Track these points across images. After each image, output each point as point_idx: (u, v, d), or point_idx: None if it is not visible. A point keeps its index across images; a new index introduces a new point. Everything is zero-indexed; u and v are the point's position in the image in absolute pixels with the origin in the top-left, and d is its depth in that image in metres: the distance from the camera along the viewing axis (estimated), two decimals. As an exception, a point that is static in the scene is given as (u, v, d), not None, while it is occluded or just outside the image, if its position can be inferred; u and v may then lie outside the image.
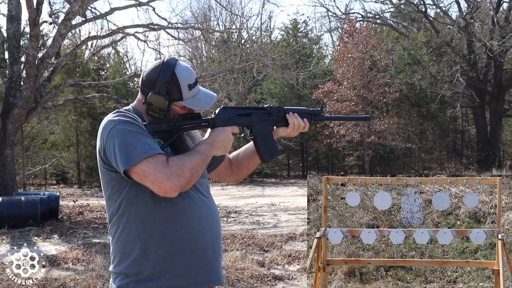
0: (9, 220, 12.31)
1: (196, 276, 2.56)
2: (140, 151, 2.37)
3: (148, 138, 2.45)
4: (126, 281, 2.53)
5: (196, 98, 2.65)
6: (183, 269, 2.52)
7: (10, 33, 16.15)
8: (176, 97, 2.59)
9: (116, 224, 2.57)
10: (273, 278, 7.39)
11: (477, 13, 31.00)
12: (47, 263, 8.66)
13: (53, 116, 28.63)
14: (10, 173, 15.65)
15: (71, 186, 29.27)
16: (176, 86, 2.58)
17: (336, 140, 29.33)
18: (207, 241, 2.60)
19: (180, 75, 2.60)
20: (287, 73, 24.71)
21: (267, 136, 2.82)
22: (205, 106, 2.67)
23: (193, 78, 2.64)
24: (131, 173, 2.40)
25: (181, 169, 2.41)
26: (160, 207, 2.49)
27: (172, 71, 2.59)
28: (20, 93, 15.43)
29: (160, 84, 2.56)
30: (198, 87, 2.68)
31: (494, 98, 31.27)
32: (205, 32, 21.70)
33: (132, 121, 2.48)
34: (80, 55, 26.96)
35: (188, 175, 2.43)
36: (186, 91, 2.61)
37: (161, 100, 2.54)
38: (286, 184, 29.02)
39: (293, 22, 39.12)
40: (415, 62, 31.38)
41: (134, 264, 2.51)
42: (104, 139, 2.48)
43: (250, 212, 15.24)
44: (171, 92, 2.57)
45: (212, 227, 2.63)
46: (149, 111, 2.58)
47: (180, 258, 2.51)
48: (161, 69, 2.58)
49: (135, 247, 2.50)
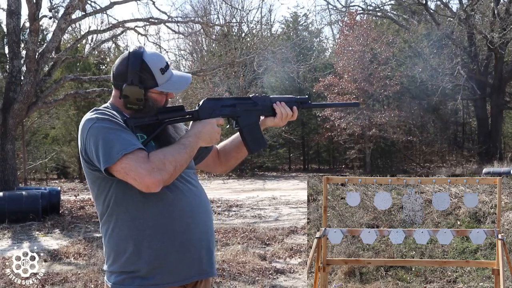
0: (10, 215, 12.32)
1: (191, 269, 2.55)
2: (119, 148, 2.34)
3: (128, 134, 2.42)
4: (122, 278, 2.51)
5: (171, 81, 2.60)
6: (178, 263, 2.51)
7: (10, 27, 16.13)
8: (151, 84, 2.54)
9: (107, 223, 2.55)
10: (275, 272, 7.39)
11: (478, 5, 30.95)
12: (49, 257, 8.67)
13: (54, 111, 28.63)
14: (11, 168, 15.65)
15: (72, 181, 29.30)
16: (148, 72, 2.53)
17: (337, 134, 29.32)
18: (200, 232, 2.58)
19: (149, 61, 2.54)
20: (288, 67, 24.69)
21: (253, 127, 2.77)
22: (181, 88, 2.65)
23: (163, 62, 2.58)
24: (113, 171, 2.37)
25: (162, 163, 2.38)
26: (149, 202, 2.47)
27: (141, 58, 2.53)
28: (21, 88, 15.42)
29: (132, 74, 2.52)
30: (170, 70, 2.63)
31: (495, 90, 31.25)
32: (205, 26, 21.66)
33: (110, 118, 2.45)
34: (80, 49, 26.92)
35: (170, 168, 2.39)
36: (160, 76, 2.56)
37: (136, 90, 2.50)
38: (287, 177, 29.03)
39: (293, 15, 39.12)
40: (415, 55, 31.34)
41: (129, 263, 2.49)
42: (83, 138, 2.45)
43: (251, 206, 15.25)
44: (144, 80, 2.53)
45: (203, 217, 2.61)
46: (127, 104, 2.54)
47: (174, 252, 2.49)
48: (129, 59, 2.54)
49: (128, 245, 2.49)
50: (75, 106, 28.48)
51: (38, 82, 15.99)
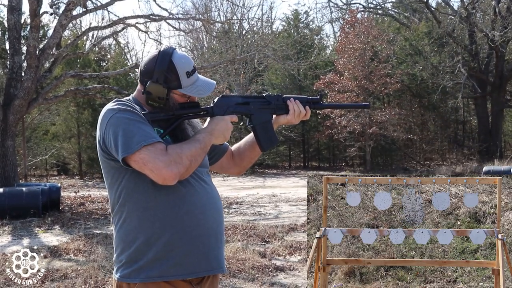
0: (10, 211, 12.33)
1: (198, 264, 2.56)
2: (139, 139, 2.37)
3: (147, 126, 2.45)
4: (128, 271, 2.52)
5: (195, 85, 2.64)
6: (185, 257, 2.52)
7: (11, 23, 16.11)
8: (175, 85, 2.58)
9: (118, 213, 2.57)
10: (274, 269, 7.39)
11: (479, 3, 30.92)
12: (49, 254, 8.68)
13: (54, 107, 28.63)
14: (12, 164, 15.65)
15: (73, 177, 29.32)
16: (174, 74, 2.58)
17: (337, 131, 29.32)
18: (210, 228, 2.59)
19: (177, 63, 2.59)
20: (288, 64, 24.68)
21: (266, 125, 2.80)
22: (205, 93, 2.66)
23: (191, 66, 2.63)
24: (130, 161, 2.40)
25: (179, 157, 2.40)
26: (161, 195, 2.49)
27: (170, 59, 2.58)
28: (21, 84, 15.42)
29: (158, 72, 2.56)
30: (196, 75, 2.66)
31: (496, 89, 31.22)
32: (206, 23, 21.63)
33: (131, 109, 2.48)
34: (81, 46, 26.91)
35: (187, 163, 2.42)
36: (185, 79, 2.60)
37: (159, 89, 2.55)
38: (287, 175, 29.04)
39: (294, 13, 39.08)
40: (416, 53, 31.34)
41: (137, 253, 2.51)
42: (103, 128, 2.48)
43: (251, 203, 15.26)
44: (169, 80, 2.57)
45: (214, 214, 2.63)
46: (149, 100, 2.58)
47: (182, 246, 2.50)
48: (158, 58, 2.59)
49: (138, 236, 2.50)
50: (75, 103, 28.49)
51: (38, 78, 15.99)
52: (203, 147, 2.52)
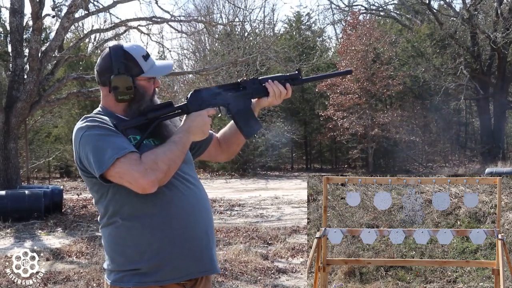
0: (13, 214, 12.33)
1: (192, 266, 2.56)
2: (111, 154, 2.35)
3: (119, 138, 2.43)
4: (120, 275, 2.53)
5: (155, 66, 2.63)
6: (178, 261, 2.51)
7: (13, 26, 16.13)
8: (136, 71, 2.57)
9: (107, 225, 2.59)
10: (277, 271, 7.38)
11: (481, 5, 30.93)
12: (51, 256, 8.67)
13: (57, 110, 28.65)
14: (14, 166, 15.66)
15: (75, 180, 29.30)
16: (132, 61, 2.57)
17: (339, 133, 29.30)
18: (200, 230, 2.59)
19: (131, 50, 2.58)
20: (291, 66, 24.63)
21: (246, 111, 2.74)
22: (166, 71, 2.67)
23: (144, 51, 2.62)
24: (108, 177, 2.39)
25: (155, 163, 2.37)
26: (147, 202, 2.47)
27: (123, 49, 2.58)
28: (24, 87, 15.43)
29: (117, 64, 2.55)
30: (152, 59, 2.65)
31: (498, 90, 31.21)
32: (208, 25, 21.65)
33: (100, 124, 2.46)
34: (83, 48, 26.94)
35: (164, 167, 2.39)
36: (143, 63, 2.59)
37: (124, 78, 2.53)
38: (289, 177, 29.02)
39: (296, 15, 39.06)
40: (418, 55, 31.34)
41: (129, 262, 2.51)
42: (77, 148, 2.48)
43: (253, 205, 15.25)
44: (130, 67, 2.55)
45: (202, 215, 2.62)
46: (118, 96, 2.55)
47: (174, 250, 2.50)
48: (111, 52, 2.58)
49: (128, 245, 2.50)
50: (78, 105, 28.52)
51: (41, 80, 16.00)
52: (181, 148, 2.48)
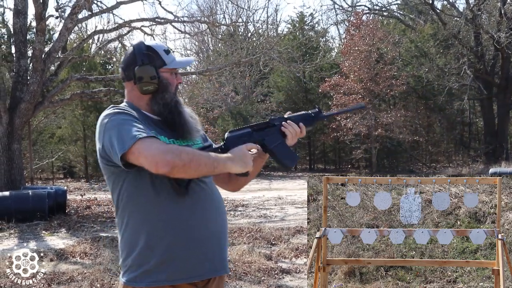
0: (17, 214, 12.34)
1: (202, 266, 2.57)
2: (133, 135, 2.38)
3: (143, 125, 2.48)
4: (134, 275, 2.54)
5: (177, 60, 2.74)
6: (189, 259, 2.53)
7: (17, 27, 16.16)
8: (159, 63, 2.66)
9: (121, 217, 2.60)
10: (280, 272, 7.38)
11: (485, 5, 30.86)
12: (55, 257, 8.68)
13: (60, 111, 28.69)
14: (18, 167, 15.69)
15: (79, 180, 29.36)
16: (154, 53, 2.67)
17: (343, 133, 29.29)
18: (212, 230, 2.61)
19: (153, 45, 2.70)
20: (294, 66, 24.66)
21: (281, 144, 2.80)
22: (187, 63, 2.88)
23: (165, 46, 2.75)
24: (128, 156, 2.39)
25: (179, 150, 2.39)
26: (161, 197, 2.50)
27: (145, 44, 2.69)
28: (27, 88, 15.46)
29: (140, 55, 2.64)
30: (172, 54, 2.75)
31: (502, 90, 31.16)
32: (212, 26, 21.68)
33: (126, 111, 2.54)
34: (87, 49, 26.96)
35: (186, 159, 2.37)
36: (165, 56, 2.68)
37: (147, 68, 2.62)
38: (293, 177, 29.01)
39: (299, 15, 39.07)
40: (422, 55, 31.30)
41: (141, 256, 2.52)
42: (102, 133, 2.50)
43: (257, 206, 15.25)
44: (152, 59, 2.65)
45: (215, 216, 2.64)
46: (143, 87, 2.62)
47: (184, 249, 2.52)
48: (135, 48, 2.68)
49: (140, 238, 2.52)
50: (81, 106, 28.55)
51: (44, 81, 16.03)
52: (214, 161, 2.47)
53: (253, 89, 34.85)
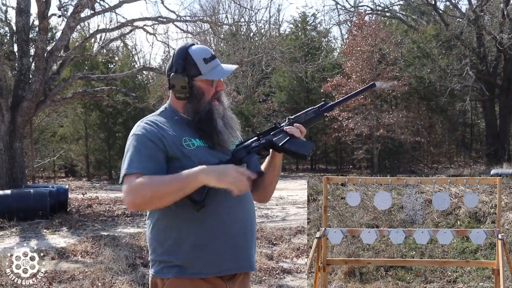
0: (18, 213, 12.35)
1: (227, 263, 2.64)
2: (125, 168, 2.55)
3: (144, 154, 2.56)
4: (161, 267, 2.64)
5: (214, 70, 2.73)
6: (214, 256, 2.61)
7: (19, 26, 16.18)
8: (194, 72, 2.70)
9: (152, 215, 2.71)
10: (282, 271, 7.39)
11: (487, 6, 30.84)
12: (56, 255, 8.69)
13: (62, 109, 28.73)
14: (19, 165, 15.70)
15: (80, 179, 29.39)
16: (191, 62, 2.70)
17: (344, 134, 29.24)
18: (237, 228, 2.67)
19: (193, 52, 2.72)
20: (296, 66, 24.68)
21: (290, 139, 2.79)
22: (223, 75, 2.76)
23: (208, 53, 2.74)
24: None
25: (141, 187, 2.47)
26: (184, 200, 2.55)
27: (186, 50, 2.72)
28: (29, 86, 15.47)
29: (176, 64, 2.71)
30: (217, 61, 2.76)
31: (504, 92, 31.14)
32: (214, 25, 21.67)
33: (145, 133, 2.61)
34: (89, 48, 26.99)
35: (146, 195, 2.47)
36: (203, 65, 2.70)
37: (180, 78, 2.69)
38: (294, 177, 29.00)
39: (302, 15, 39.05)
40: (424, 56, 31.26)
41: (168, 252, 2.62)
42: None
43: (258, 205, 15.24)
44: (187, 69, 2.70)
45: (242, 213, 2.70)
46: (176, 94, 2.73)
47: (211, 244, 2.60)
48: (176, 53, 2.75)
49: (169, 235, 2.62)
50: (83, 105, 28.56)
51: (46, 80, 16.05)
52: (179, 185, 2.47)
53: (255, 89, 34.86)
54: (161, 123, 2.66)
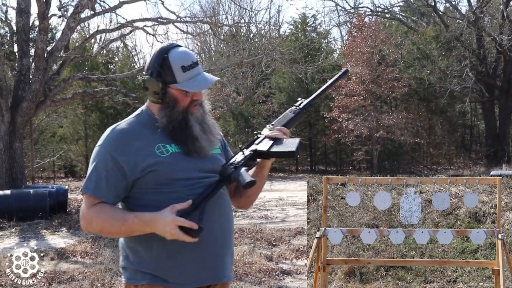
0: (18, 213, 12.36)
1: (202, 272, 2.53)
2: (84, 185, 2.53)
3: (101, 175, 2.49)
4: (133, 273, 2.54)
5: (192, 80, 2.55)
6: (188, 265, 2.50)
7: (20, 26, 16.18)
8: (170, 79, 2.52)
9: None
10: (281, 273, 7.38)
11: (487, 8, 30.86)
12: (56, 256, 8.69)
13: (62, 110, 28.74)
14: (19, 166, 15.70)
15: (80, 180, 29.34)
16: (168, 68, 2.52)
17: (344, 135, 29.24)
18: (214, 236, 2.55)
19: (172, 57, 2.52)
20: (296, 67, 24.68)
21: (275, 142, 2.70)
22: (199, 88, 2.57)
23: (189, 60, 2.54)
24: None
25: (92, 219, 2.49)
26: (162, 202, 2.45)
27: (165, 54, 2.53)
28: (29, 86, 15.47)
29: (152, 67, 2.54)
30: (197, 70, 2.56)
31: (504, 93, 31.15)
32: (214, 26, 21.69)
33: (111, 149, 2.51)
34: (89, 48, 27.00)
35: (95, 227, 2.50)
36: (180, 74, 2.52)
37: (154, 83, 2.53)
38: (294, 178, 28.99)
39: (301, 16, 39.07)
40: (424, 57, 31.29)
41: (141, 261, 2.52)
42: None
43: (258, 207, 15.23)
44: (163, 74, 2.52)
45: (221, 221, 2.59)
46: (149, 96, 2.59)
47: (184, 254, 2.47)
48: (155, 54, 2.56)
49: (141, 244, 2.51)
50: (83, 105, 28.59)
51: (46, 80, 16.04)
52: (125, 230, 2.47)
53: (255, 90, 34.84)
54: (132, 132, 2.54)
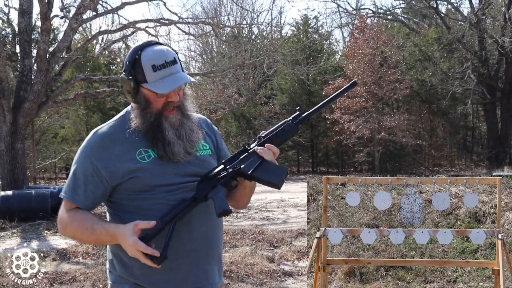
0: (19, 214, 12.37)
1: (185, 280, 2.48)
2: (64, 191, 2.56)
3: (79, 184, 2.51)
4: (118, 277, 2.53)
5: (162, 80, 2.41)
6: (171, 273, 2.45)
7: (22, 27, 16.19)
8: (141, 78, 2.42)
9: None
10: (283, 274, 7.38)
11: (489, 9, 30.84)
12: (57, 257, 8.70)
13: (64, 110, 28.75)
14: (21, 166, 15.70)
15: (81, 180, 29.33)
16: (138, 67, 2.41)
17: (346, 136, 29.26)
18: (198, 244, 2.49)
19: (144, 56, 2.41)
20: (298, 69, 24.68)
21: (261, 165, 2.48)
22: (166, 89, 2.41)
23: (161, 60, 2.40)
24: None
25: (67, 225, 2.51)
26: (143, 208, 2.42)
27: (137, 52, 2.43)
28: (31, 87, 15.48)
29: (125, 65, 2.45)
30: (170, 70, 2.42)
31: (505, 95, 31.14)
32: (216, 27, 21.68)
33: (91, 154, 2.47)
34: (91, 49, 27.03)
35: (69, 232, 2.53)
36: (150, 73, 2.40)
37: (126, 81, 2.45)
38: (295, 180, 28.97)
39: (303, 18, 39.08)
40: (426, 59, 31.28)
41: (123, 266, 2.51)
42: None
43: (259, 208, 15.24)
44: (135, 73, 2.42)
45: (203, 229, 2.51)
46: (126, 95, 2.52)
47: (166, 263, 2.34)
48: (129, 52, 2.47)
49: (123, 250, 2.38)
50: (84, 106, 28.63)
51: (48, 81, 16.05)
52: (95, 238, 2.47)
53: (257, 91, 34.85)
54: (114, 136, 2.47)
